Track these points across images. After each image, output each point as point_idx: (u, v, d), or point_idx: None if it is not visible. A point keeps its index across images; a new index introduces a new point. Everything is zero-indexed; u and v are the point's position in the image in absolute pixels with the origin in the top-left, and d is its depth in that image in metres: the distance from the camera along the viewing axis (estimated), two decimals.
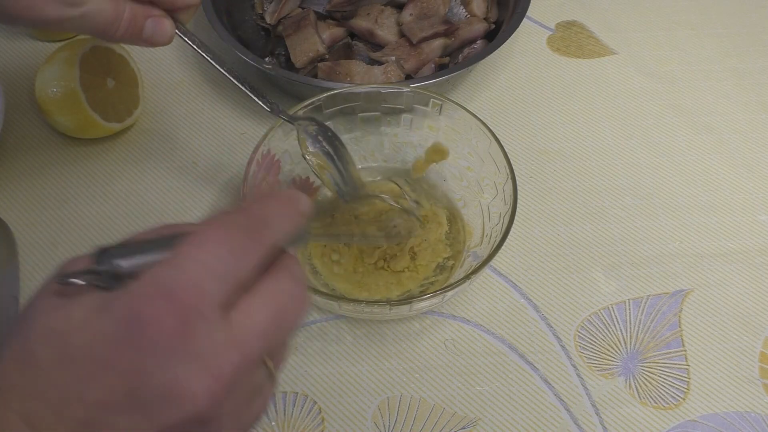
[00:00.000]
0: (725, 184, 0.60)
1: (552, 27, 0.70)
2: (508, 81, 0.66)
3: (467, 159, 0.53)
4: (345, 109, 0.53)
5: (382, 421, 0.47)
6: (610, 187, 0.59)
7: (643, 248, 0.55)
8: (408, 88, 0.52)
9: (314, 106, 0.51)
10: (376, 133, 0.55)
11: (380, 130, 0.55)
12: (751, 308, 0.52)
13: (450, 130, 0.53)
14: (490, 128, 0.50)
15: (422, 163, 0.56)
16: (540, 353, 0.50)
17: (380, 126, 0.55)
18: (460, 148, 0.53)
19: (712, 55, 0.69)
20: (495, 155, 0.49)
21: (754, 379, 0.49)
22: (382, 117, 0.54)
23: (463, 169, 0.54)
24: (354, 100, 0.53)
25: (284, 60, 0.64)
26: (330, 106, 0.52)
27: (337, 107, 0.52)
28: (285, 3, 0.65)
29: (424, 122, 0.53)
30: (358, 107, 0.53)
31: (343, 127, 0.54)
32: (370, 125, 0.55)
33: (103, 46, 0.57)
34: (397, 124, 0.55)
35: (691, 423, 0.47)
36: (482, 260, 0.45)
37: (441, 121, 0.52)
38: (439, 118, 0.52)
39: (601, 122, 0.63)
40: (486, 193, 0.51)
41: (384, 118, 0.54)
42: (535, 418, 0.47)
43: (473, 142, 0.51)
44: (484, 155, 0.51)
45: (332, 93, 0.52)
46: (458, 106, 0.51)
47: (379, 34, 0.64)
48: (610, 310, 0.52)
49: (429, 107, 0.52)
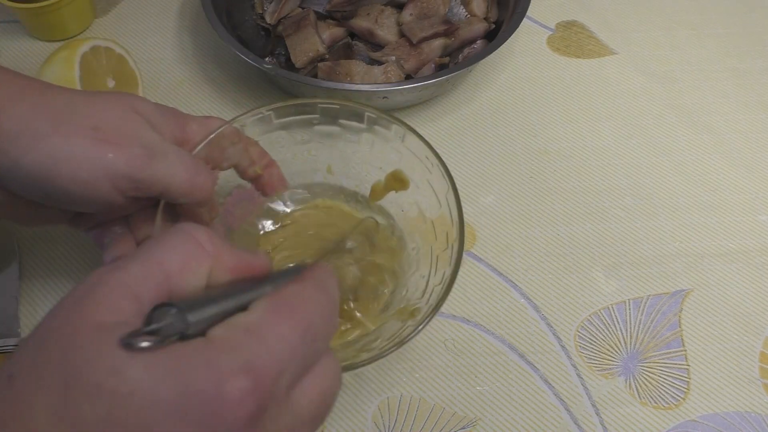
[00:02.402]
0: (725, 184, 0.60)
1: (552, 27, 0.70)
2: (508, 81, 0.66)
3: (423, 197, 0.48)
4: (303, 121, 0.49)
5: (382, 421, 0.47)
6: (610, 187, 0.59)
7: (643, 248, 0.55)
8: (372, 111, 0.47)
9: (261, 116, 0.47)
10: (334, 148, 0.51)
11: (339, 146, 0.50)
12: (751, 308, 0.52)
13: (413, 159, 0.47)
14: (449, 174, 0.44)
15: (381, 189, 0.51)
16: (540, 353, 0.50)
17: (339, 141, 0.50)
18: (419, 183, 0.48)
19: (712, 55, 0.69)
20: (450, 204, 0.44)
21: (754, 379, 0.49)
22: (341, 133, 0.50)
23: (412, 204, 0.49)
24: (311, 112, 0.48)
25: (284, 60, 0.64)
26: (282, 115, 0.48)
27: (290, 117, 0.48)
28: (285, 3, 0.65)
29: (386, 145, 0.49)
30: (315, 120, 0.49)
31: (298, 136, 0.50)
32: (329, 138, 0.50)
33: (103, 46, 0.57)
34: (357, 142, 0.50)
35: (691, 423, 0.47)
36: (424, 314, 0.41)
37: (403, 149, 0.48)
38: (402, 145, 0.47)
39: (601, 122, 0.63)
40: (438, 242, 0.46)
41: (344, 134, 0.50)
42: (535, 418, 0.47)
43: (432, 182, 0.46)
44: (441, 199, 0.45)
45: (284, 105, 0.47)
46: (421, 141, 0.46)
47: (379, 34, 0.64)
48: (610, 310, 0.52)
49: (391, 132, 0.47)
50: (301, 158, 0.51)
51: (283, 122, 0.48)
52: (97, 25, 0.67)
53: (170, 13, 0.69)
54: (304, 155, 0.51)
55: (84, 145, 0.36)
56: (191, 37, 0.67)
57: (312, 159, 0.51)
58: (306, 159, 0.51)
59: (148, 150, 0.38)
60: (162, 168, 0.38)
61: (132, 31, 0.67)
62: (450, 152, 0.60)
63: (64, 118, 0.37)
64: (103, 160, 0.37)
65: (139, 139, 0.38)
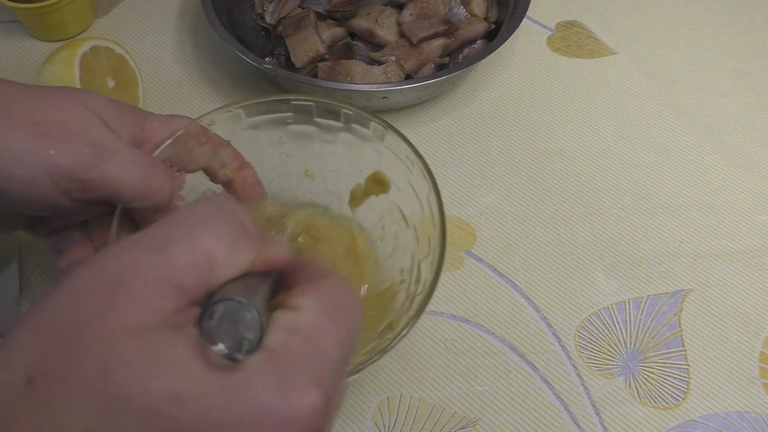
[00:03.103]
0: (725, 184, 0.60)
1: (552, 27, 0.70)
2: (508, 81, 0.66)
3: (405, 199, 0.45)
4: (275, 120, 0.46)
5: (382, 421, 0.47)
6: (610, 187, 0.59)
7: (643, 248, 0.55)
8: (349, 108, 0.44)
9: (231, 114, 0.44)
10: (310, 150, 0.48)
11: (315, 147, 0.47)
12: (751, 308, 0.52)
13: (393, 159, 0.44)
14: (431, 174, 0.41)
15: (361, 194, 0.48)
16: (540, 353, 0.50)
17: (315, 141, 0.47)
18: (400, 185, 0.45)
19: (712, 55, 0.69)
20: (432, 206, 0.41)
21: (754, 379, 0.49)
22: (317, 133, 0.46)
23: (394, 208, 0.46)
24: (283, 110, 0.45)
25: (284, 60, 0.64)
26: (253, 114, 0.45)
27: (262, 116, 0.45)
28: (285, 3, 0.65)
29: (365, 145, 0.45)
30: (288, 119, 0.46)
31: (272, 137, 0.47)
32: (304, 139, 0.47)
33: (103, 46, 0.57)
34: (334, 143, 0.47)
35: (691, 423, 0.47)
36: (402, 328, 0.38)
37: (383, 148, 0.45)
38: (381, 144, 0.44)
39: (601, 122, 0.63)
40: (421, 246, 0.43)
41: (320, 134, 0.46)
42: (535, 418, 0.47)
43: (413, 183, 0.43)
44: (424, 203, 0.43)
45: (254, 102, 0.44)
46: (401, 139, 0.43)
47: (379, 34, 0.64)
48: (610, 310, 0.52)
49: (370, 131, 0.44)
50: (276, 161, 0.48)
51: (255, 121, 0.45)
52: (97, 25, 0.67)
53: (170, 13, 0.69)
54: (279, 158, 0.48)
55: (23, 139, 0.33)
56: (191, 37, 0.67)
57: (287, 161, 0.48)
58: (281, 162, 0.48)
59: (95, 148, 0.35)
60: (111, 169, 0.35)
61: (132, 31, 0.67)
62: (450, 152, 0.60)
63: (3, 111, 0.34)
64: (43, 156, 0.33)
65: (87, 137, 0.35)
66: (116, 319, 0.20)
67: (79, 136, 0.35)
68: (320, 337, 0.23)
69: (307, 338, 0.22)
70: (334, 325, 0.23)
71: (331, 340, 0.23)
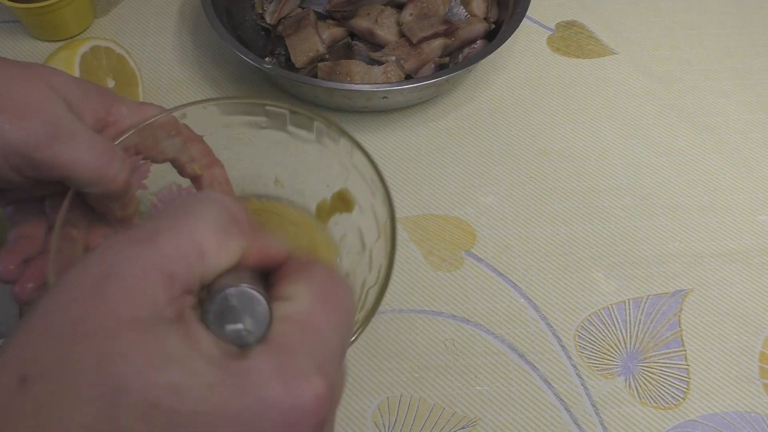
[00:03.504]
0: (725, 184, 0.60)
1: (552, 27, 0.70)
2: (508, 81, 0.66)
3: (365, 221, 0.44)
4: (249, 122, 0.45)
5: (382, 421, 0.47)
6: (610, 187, 0.59)
7: (643, 248, 0.55)
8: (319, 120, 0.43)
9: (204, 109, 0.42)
10: (282, 156, 0.47)
11: (288, 153, 0.46)
12: (751, 308, 0.52)
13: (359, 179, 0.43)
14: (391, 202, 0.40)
15: (327, 210, 0.47)
16: (540, 353, 0.50)
17: (288, 148, 0.46)
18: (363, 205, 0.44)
19: (712, 55, 0.69)
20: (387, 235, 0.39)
21: (754, 379, 0.49)
22: (290, 140, 0.45)
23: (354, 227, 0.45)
24: (258, 113, 0.44)
25: (284, 60, 0.64)
26: (228, 112, 0.43)
27: (236, 116, 0.44)
28: (285, 3, 0.65)
29: (334, 160, 0.44)
30: (262, 123, 0.44)
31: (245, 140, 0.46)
32: (277, 146, 0.46)
33: (103, 46, 0.57)
34: (305, 152, 0.45)
35: (691, 423, 0.47)
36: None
37: (351, 166, 0.43)
38: (349, 162, 0.43)
39: (601, 122, 0.63)
40: (372, 274, 0.41)
41: (293, 143, 0.45)
42: (535, 418, 0.47)
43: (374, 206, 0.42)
44: (381, 228, 0.41)
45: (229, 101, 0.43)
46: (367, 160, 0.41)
47: (379, 34, 0.64)
48: (610, 310, 0.52)
49: (339, 146, 0.43)
50: (246, 163, 0.47)
51: (229, 120, 0.44)
52: (97, 25, 0.67)
53: (170, 13, 0.69)
54: (249, 160, 0.47)
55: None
56: (191, 37, 0.67)
57: (258, 165, 0.47)
58: (251, 165, 0.47)
59: (51, 128, 0.34)
60: (65, 151, 0.34)
61: (132, 31, 0.67)
62: (450, 152, 0.60)
63: None
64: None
65: (44, 115, 0.34)
66: (108, 311, 0.20)
67: (36, 113, 0.34)
68: (316, 323, 0.22)
69: (303, 326, 0.22)
70: (328, 311, 0.23)
71: (328, 326, 0.23)
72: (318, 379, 0.21)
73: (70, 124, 0.35)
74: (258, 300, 0.21)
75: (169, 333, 0.20)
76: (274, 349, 0.21)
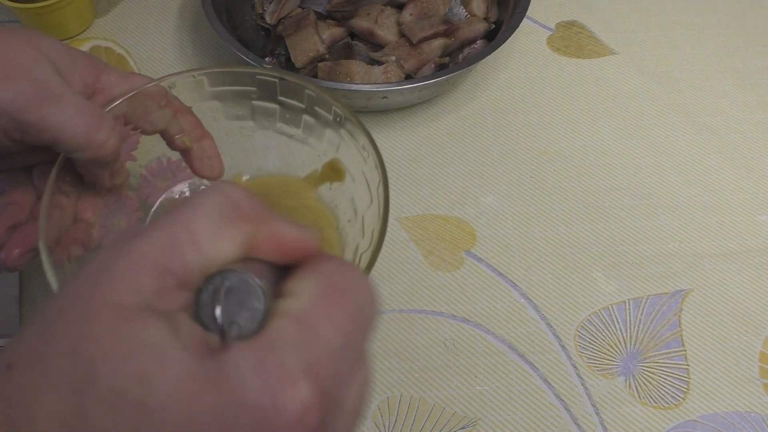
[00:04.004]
0: (725, 184, 0.60)
1: (552, 27, 0.70)
2: (508, 81, 0.66)
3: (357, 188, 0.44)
4: (239, 93, 0.44)
5: (382, 421, 0.47)
6: (610, 187, 0.59)
7: (643, 248, 0.55)
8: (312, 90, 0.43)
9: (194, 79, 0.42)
10: (270, 129, 0.47)
11: (276, 126, 0.46)
12: (751, 308, 0.52)
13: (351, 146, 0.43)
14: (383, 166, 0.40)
15: (317, 180, 0.47)
16: (540, 353, 0.50)
17: (276, 122, 0.46)
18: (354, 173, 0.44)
19: (712, 55, 0.69)
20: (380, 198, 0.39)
21: (754, 379, 0.49)
22: (279, 112, 0.45)
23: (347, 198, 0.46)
24: (248, 83, 0.43)
25: (284, 60, 0.64)
26: (217, 83, 0.42)
27: (226, 87, 0.43)
28: (285, 3, 0.65)
29: (325, 129, 0.44)
30: (253, 93, 0.44)
31: (235, 111, 0.45)
32: (267, 118, 0.46)
33: (103, 46, 0.57)
34: (296, 125, 0.46)
35: (691, 423, 0.47)
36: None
37: (344, 133, 0.44)
38: (342, 130, 0.43)
39: (601, 122, 0.63)
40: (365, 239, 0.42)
41: (282, 114, 0.45)
42: (535, 418, 0.47)
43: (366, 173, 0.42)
44: (373, 193, 0.41)
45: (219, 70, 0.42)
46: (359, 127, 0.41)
47: (379, 34, 0.64)
48: (610, 310, 0.52)
49: (331, 115, 0.43)
50: (236, 136, 0.46)
51: (218, 91, 0.43)
52: (97, 25, 0.67)
53: (170, 13, 0.69)
54: (239, 133, 0.46)
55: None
56: (191, 37, 0.67)
57: (248, 139, 0.46)
58: (242, 138, 0.46)
59: (40, 90, 0.33)
60: (53, 113, 0.34)
61: (132, 31, 0.67)
62: (450, 152, 0.60)
63: None
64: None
65: (33, 78, 0.34)
66: (93, 296, 0.19)
67: (24, 75, 0.33)
68: (315, 321, 0.20)
69: (299, 323, 0.20)
70: (333, 309, 0.21)
71: (330, 325, 0.20)
72: (305, 384, 0.18)
73: (59, 87, 0.34)
74: (255, 291, 0.19)
75: (149, 321, 0.19)
76: (257, 345, 0.19)
